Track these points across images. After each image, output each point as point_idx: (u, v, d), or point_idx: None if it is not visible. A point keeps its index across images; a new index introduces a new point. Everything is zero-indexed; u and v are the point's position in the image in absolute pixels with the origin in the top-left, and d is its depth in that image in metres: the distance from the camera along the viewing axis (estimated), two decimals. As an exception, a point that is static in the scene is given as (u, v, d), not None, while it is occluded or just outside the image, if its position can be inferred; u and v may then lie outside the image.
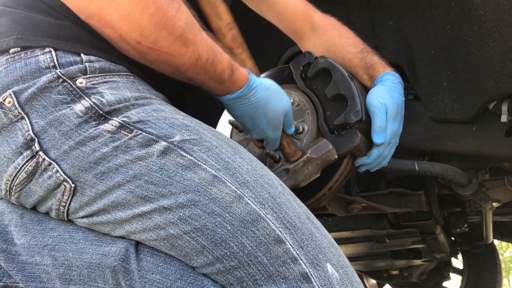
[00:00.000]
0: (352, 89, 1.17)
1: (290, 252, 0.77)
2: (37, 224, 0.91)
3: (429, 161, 1.44)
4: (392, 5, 1.37)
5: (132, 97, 0.89)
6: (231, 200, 0.80)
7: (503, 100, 1.25)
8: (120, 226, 0.85)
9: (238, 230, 0.78)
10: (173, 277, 0.81)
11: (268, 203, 0.81)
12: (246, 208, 0.79)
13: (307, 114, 1.24)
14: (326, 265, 0.78)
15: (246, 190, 0.81)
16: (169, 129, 0.86)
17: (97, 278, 0.84)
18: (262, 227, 0.78)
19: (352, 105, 1.15)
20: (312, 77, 1.25)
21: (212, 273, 0.80)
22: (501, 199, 1.78)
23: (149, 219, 0.82)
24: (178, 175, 0.82)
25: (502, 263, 3.50)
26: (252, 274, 0.77)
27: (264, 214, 0.79)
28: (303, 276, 0.76)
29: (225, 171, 0.83)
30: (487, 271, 2.90)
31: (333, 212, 1.47)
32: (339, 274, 0.78)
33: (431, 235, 1.80)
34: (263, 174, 0.87)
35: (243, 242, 0.77)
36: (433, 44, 1.32)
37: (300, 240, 0.79)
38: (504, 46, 1.17)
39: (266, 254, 0.77)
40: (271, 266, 0.76)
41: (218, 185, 0.81)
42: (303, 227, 0.81)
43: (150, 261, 0.83)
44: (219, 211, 0.79)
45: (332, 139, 1.17)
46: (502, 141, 1.30)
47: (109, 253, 0.85)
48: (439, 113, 1.35)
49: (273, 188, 0.84)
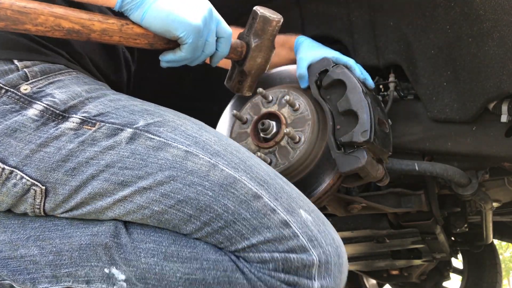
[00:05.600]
0: (364, 107, 1.14)
1: (268, 205, 0.85)
2: (14, 219, 0.91)
3: (429, 161, 1.44)
4: (392, 5, 1.37)
5: (83, 91, 0.91)
6: (207, 169, 0.85)
7: (503, 100, 1.25)
8: (103, 213, 0.86)
9: (220, 194, 0.84)
10: (166, 243, 0.85)
11: (241, 167, 0.88)
12: (222, 174, 0.85)
13: (307, 125, 1.23)
14: (300, 211, 0.87)
15: (218, 159, 0.87)
16: (131, 116, 0.89)
17: (90, 258, 0.86)
18: (240, 187, 0.85)
19: (362, 124, 1.13)
20: (326, 86, 1.24)
21: (202, 237, 0.85)
22: (501, 199, 1.78)
23: (130, 202, 0.85)
24: (151, 156, 0.85)
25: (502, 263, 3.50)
26: (239, 230, 0.83)
27: (239, 177, 0.86)
28: (283, 223, 0.84)
29: (195, 146, 0.88)
30: (487, 271, 2.90)
31: (333, 212, 1.47)
32: (312, 217, 0.87)
33: (431, 235, 1.80)
34: (230, 143, 0.93)
35: (226, 203, 0.84)
36: (433, 44, 1.32)
37: (274, 193, 0.87)
38: (504, 46, 1.17)
39: (248, 210, 0.84)
40: (254, 220, 0.83)
41: (192, 159, 0.86)
42: (274, 183, 0.89)
43: (141, 233, 0.86)
44: (198, 181, 0.84)
45: (338, 156, 1.15)
46: (502, 141, 1.30)
47: (98, 232, 0.86)
48: (439, 113, 1.35)
49: (241, 154, 0.91)
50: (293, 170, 1.21)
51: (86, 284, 0.87)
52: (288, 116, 1.27)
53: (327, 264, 0.83)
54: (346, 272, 0.88)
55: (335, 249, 0.85)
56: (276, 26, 1.19)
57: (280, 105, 1.29)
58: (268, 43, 1.20)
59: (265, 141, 1.27)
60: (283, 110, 1.28)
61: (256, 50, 1.19)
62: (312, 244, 0.83)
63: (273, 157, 1.22)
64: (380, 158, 1.22)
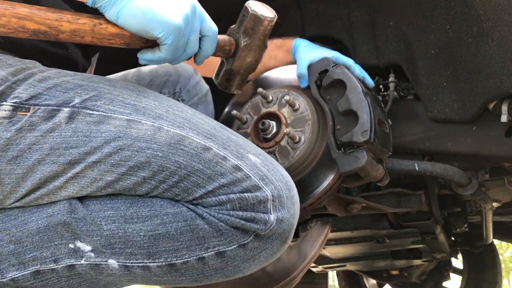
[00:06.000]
0: (364, 107, 1.14)
1: (219, 154, 0.88)
2: None
3: (429, 161, 1.44)
4: (392, 5, 1.37)
5: (8, 75, 0.88)
6: (152, 133, 0.87)
7: (503, 100, 1.25)
8: (56, 194, 0.87)
9: (169, 153, 0.86)
10: (124, 207, 0.87)
11: (185, 125, 0.90)
12: (168, 134, 0.87)
13: (307, 125, 1.22)
14: (248, 155, 0.91)
15: (161, 121, 0.88)
16: (65, 94, 0.88)
17: (52, 238, 0.87)
18: (188, 143, 0.87)
19: (362, 124, 1.13)
20: (326, 86, 1.24)
21: (159, 193, 0.87)
22: (501, 199, 1.78)
23: (83, 177, 0.85)
24: (94, 131, 0.86)
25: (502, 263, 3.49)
26: (194, 181, 0.86)
27: (185, 134, 0.88)
28: (234, 167, 0.88)
29: (136, 113, 0.88)
30: (487, 271, 2.89)
31: (333, 212, 1.47)
32: (260, 159, 0.92)
33: (431, 235, 1.80)
34: (171, 104, 0.94)
35: (177, 160, 0.86)
36: (433, 44, 1.32)
37: (222, 143, 0.90)
38: (504, 46, 1.16)
39: (200, 161, 0.87)
40: (207, 169, 0.87)
41: (135, 126, 0.87)
42: (220, 134, 0.92)
43: (97, 203, 0.88)
44: (145, 145, 0.85)
45: (338, 156, 1.15)
46: (502, 141, 1.30)
47: (54, 212, 0.87)
48: (439, 113, 1.35)
49: (184, 113, 0.93)
50: (293, 170, 1.21)
51: (54, 263, 0.88)
52: (288, 116, 1.27)
53: (280, 198, 0.89)
54: (298, 203, 0.94)
55: (285, 183, 0.91)
56: (268, 26, 1.09)
57: (280, 105, 1.29)
58: (259, 42, 1.10)
59: (265, 141, 1.27)
60: (283, 110, 1.28)
61: (246, 49, 1.09)
62: (264, 182, 0.88)
63: (273, 157, 1.22)
64: (380, 158, 1.22)
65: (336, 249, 1.96)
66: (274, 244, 0.90)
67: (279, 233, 0.89)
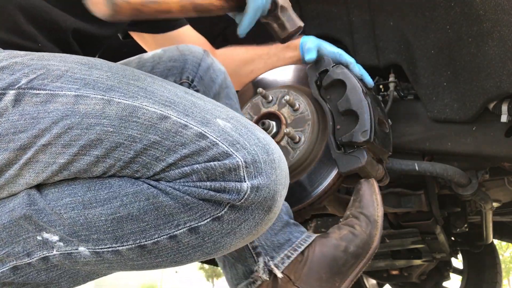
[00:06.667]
0: (364, 107, 1.14)
1: (178, 122, 0.82)
2: None
3: (429, 161, 1.44)
4: (392, 5, 1.37)
5: None
6: (101, 107, 0.81)
7: (503, 100, 1.25)
8: (14, 183, 0.84)
9: (122, 126, 0.80)
10: (81, 192, 0.83)
11: (140, 94, 0.84)
12: (119, 106, 0.82)
13: (307, 125, 1.22)
14: (216, 120, 0.84)
15: (112, 93, 0.83)
16: (11, 76, 0.84)
17: (18, 233, 0.85)
18: (142, 114, 0.81)
19: (362, 124, 1.13)
20: (326, 86, 1.24)
21: (116, 172, 0.82)
22: (501, 199, 1.78)
23: (36, 162, 0.82)
24: (41, 112, 0.82)
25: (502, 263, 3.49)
26: (152, 154, 0.80)
27: (139, 104, 0.82)
28: (198, 135, 0.81)
29: (84, 87, 0.84)
30: (487, 271, 2.90)
31: (333, 212, 1.47)
32: (231, 124, 0.84)
33: (431, 235, 1.80)
34: (126, 74, 0.89)
35: (130, 134, 0.80)
36: (433, 44, 1.32)
37: (183, 110, 0.83)
38: (504, 46, 1.17)
39: (157, 132, 0.80)
40: (166, 141, 0.80)
41: (83, 101, 0.82)
42: (182, 101, 0.85)
43: (55, 191, 0.84)
44: (95, 121, 0.81)
45: (338, 156, 1.15)
46: (502, 141, 1.30)
47: (14, 207, 0.84)
48: (439, 113, 1.35)
49: (141, 82, 0.87)
50: (293, 170, 1.21)
51: (28, 257, 0.86)
52: (288, 116, 1.27)
53: (256, 163, 0.81)
54: (282, 167, 0.85)
55: (262, 147, 0.83)
56: None
57: (280, 105, 1.29)
58: None
59: (265, 141, 1.27)
60: (283, 110, 1.28)
61: None
62: (235, 148, 0.81)
63: None
64: (380, 158, 1.22)
65: (336, 249, 1.96)
66: (255, 215, 0.82)
67: (258, 202, 0.81)
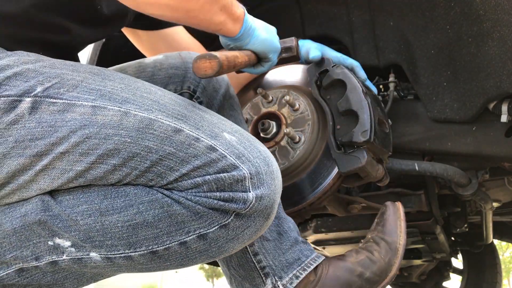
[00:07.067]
0: (364, 107, 1.14)
1: (191, 135, 0.86)
2: None
3: (429, 161, 1.44)
4: (392, 5, 1.37)
5: None
6: (119, 118, 0.84)
7: (503, 100, 1.25)
8: (27, 188, 0.85)
9: (139, 138, 0.84)
10: (98, 200, 0.85)
11: (154, 107, 0.88)
12: (136, 118, 0.85)
13: (307, 125, 1.22)
14: (223, 134, 0.89)
15: (128, 105, 0.86)
16: (26, 83, 0.84)
17: (29, 237, 0.86)
18: (157, 126, 0.85)
19: (362, 124, 1.13)
20: (327, 86, 1.24)
21: (132, 180, 0.85)
22: (501, 199, 1.78)
23: (53, 169, 0.83)
24: (59, 120, 0.83)
25: (502, 263, 3.49)
26: (167, 165, 0.84)
27: (154, 116, 0.86)
28: (208, 148, 0.86)
29: (101, 99, 0.86)
30: (487, 271, 2.89)
31: (333, 212, 1.47)
32: (236, 137, 0.90)
33: (431, 235, 1.80)
34: (139, 86, 0.92)
35: (147, 145, 0.84)
36: (433, 44, 1.32)
37: (194, 124, 0.88)
38: (504, 46, 1.16)
39: (172, 144, 0.85)
40: (180, 152, 0.85)
41: (101, 112, 0.84)
42: (192, 115, 0.91)
43: (70, 198, 0.86)
44: (113, 132, 0.83)
45: (338, 156, 1.15)
46: (502, 141, 1.30)
47: (27, 212, 0.85)
48: (439, 113, 1.35)
49: (153, 95, 0.91)
50: (293, 170, 1.21)
51: (36, 261, 0.87)
52: (288, 116, 1.27)
53: (258, 175, 0.87)
54: (278, 178, 0.92)
55: (263, 160, 0.89)
56: None
57: (280, 105, 1.29)
58: None
59: (265, 141, 1.27)
60: (283, 110, 1.28)
61: None
62: (241, 160, 0.86)
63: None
64: (380, 158, 1.22)
65: (336, 249, 1.96)
66: (256, 221, 0.88)
67: (260, 210, 0.87)
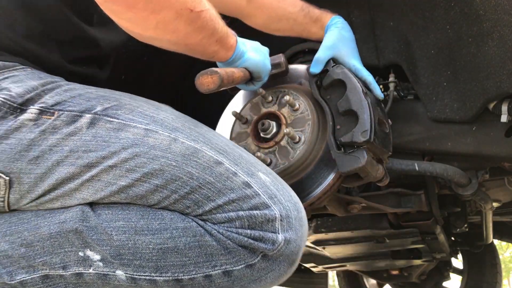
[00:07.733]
0: (364, 107, 1.14)
1: (230, 169, 0.91)
2: None
3: (429, 161, 1.44)
4: (392, 5, 1.37)
5: (38, 85, 0.93)
6: (168, 143, 0.90)
7: (503, 100, 1.25)
8: (70, 196, 0.89)
9: (183, 163, 0.89)
10: (135, 218, 0.88)
11: (200, 139, 0.93)
12: (183, 145, 0.90)
13: (307, 124, 1.22)
14: (259, 174, 0.93)
15: (177, 133, 0.92)
16: (88, 102, 0.93)
17: (62, 245, 0.88)
18: (201, 156, 0.90)
19: (362, 124, 1.13)
20: (327, 86, 1.24)
21: (170, 204, 0.88)
22: (501, 199, 1.78)
23: (98, 180, 0.88)
24: (113, 137, 0.89)
25: (502, 263, 3.49)
26: (205, 193, 0.88)
27: (200, 147, 0.91)
28: (244, 184, 0.90)
29: (154, 124, 0.92)
30: (487, 271, 2.90)
31: (333, 212, 1.47)
32: (270, 178, 0.94)
33: (431, 235, 1.80)
34: (187, 119, 0.99)
35: (190, 171, 0.88)
36: (433, 44, 1.32)
37: (233, 159, 0.93)
38: (504, 46, 1.16)
39: (212, 174, 0.89)
40: (218, 183, 0.89)
41: (152, 135, 0.90)
42: (232, 151, 0.95)
43: (109, 213, 0.89)
44: (161, 154, 0.88)
45: (338, 156, 1.15)
46: (502, 141, 1.30)
47: (66, 219, 0.88)
48: (439, 113, 1.35)
49: (199, 128, 0.98)
50: (293, 170, 1.21)
51: (63, 270, 0.89)
52: (288, 116, 1.27)
53: (288, 218, 0.89)
54: (306, 225, 0.94)
55: (294, 204, 0.92)
56: None
57: (280, 105, 1.29)
58: None
59: (265, 141, 1.26)
60: (283, 110, 1.28)
61: None
62: (273, 201, 0.89)
63: (273, 157, 1.22)
64: (380, 158, 1.22)
65: (336, 249, 1.96)
66: (281, 266, 0.90)
67: (286, 255, 0.89)
